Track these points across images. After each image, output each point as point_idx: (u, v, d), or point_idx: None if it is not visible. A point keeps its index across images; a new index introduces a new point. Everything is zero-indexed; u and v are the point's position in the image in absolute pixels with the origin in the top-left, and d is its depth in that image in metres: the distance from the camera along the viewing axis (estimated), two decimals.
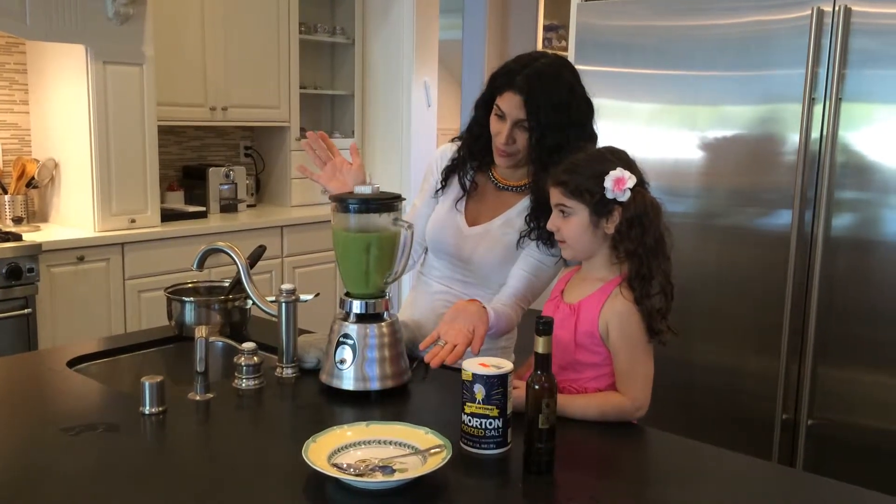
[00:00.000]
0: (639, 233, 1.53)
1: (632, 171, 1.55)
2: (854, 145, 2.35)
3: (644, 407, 1.55)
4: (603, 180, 1.53)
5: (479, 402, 1.35)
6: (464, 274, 1.92)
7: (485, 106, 1.85)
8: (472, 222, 1.91)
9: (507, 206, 1.90)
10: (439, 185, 1.96)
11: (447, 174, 1.95)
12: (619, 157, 1.58)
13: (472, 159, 1.92)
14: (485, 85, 1.87)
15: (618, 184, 1.52)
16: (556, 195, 1.60)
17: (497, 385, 1.34)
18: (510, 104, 1.75)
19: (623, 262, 1.58)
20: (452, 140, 2.01)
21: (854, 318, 2.39)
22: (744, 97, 2.55)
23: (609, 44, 2.80)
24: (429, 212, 1.99)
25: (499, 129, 1.79)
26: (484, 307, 1.70)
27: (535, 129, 1.74)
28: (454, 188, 1.95)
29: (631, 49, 2.76)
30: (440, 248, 1.95)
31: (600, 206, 1.55)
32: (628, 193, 1.53)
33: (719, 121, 2.61)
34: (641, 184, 1.57)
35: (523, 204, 1.87)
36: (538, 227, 1.81)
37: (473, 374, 1.35)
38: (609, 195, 1.53)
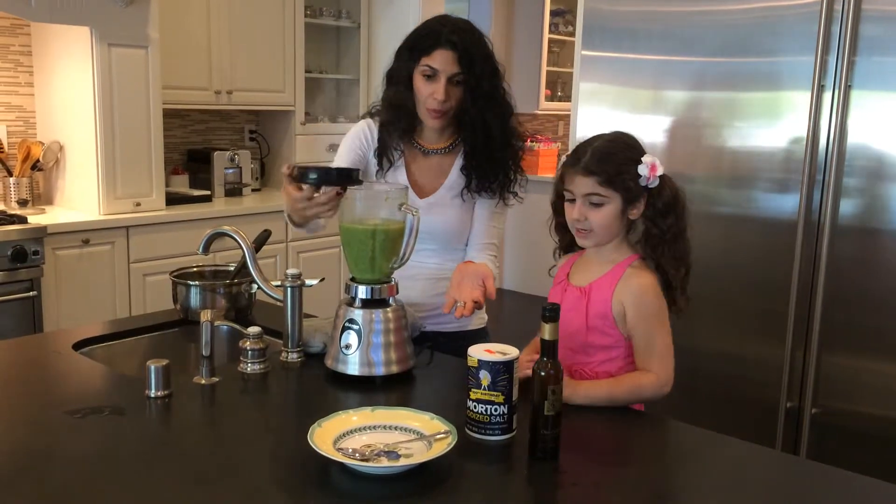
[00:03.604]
0: (673, 220, 1.54)
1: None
2: (862, 133, 2.34)
3: (670, 383, 1.55)
4: (634, 167, 1.52)
5: (484, 389, 1.35)
6: (426, 244, 1.94)
7: (404, 71, 1.90)
8: (420, 193, 1.97)
9: (445, 172, 1.97)
10: (376, 168, 1.98)
11: (379, 156, 1.97)
12: (637, 141, 1.58)
13: (396, 131, 1.95)
14: (393, 59, 1.94)
15: (653, 170, 1.52)
16: (586, 185, 1.54)
17: (502, 371, 1.34)
18: (443, 60, 1.83)
19: (632, 243, 1.58)
20: (364, 116, 2.03)
21: (860, 307, 2.38)
22: (752, 84, 2.53)
23: (616, 29, 2.79)
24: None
25: (432, 89, 1.85)
26: (482, 262, 1.83)
27: (469, 81, 1.84)
28: (385, 164, 1.98)
29: (638, 35, 2.74)
30: None
31: (632, 193, 1.54)
32: (657, 180, 1.53)
33: (727, 107, 2.59)
34: None
35: (458, 164, 1.96)
36: (476, 177, 1.92)
37: (479, 361, 1.35)
38: (643, 182, 1.52)
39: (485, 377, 1.35)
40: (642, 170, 1.51)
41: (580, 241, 1.61)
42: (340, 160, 2.00)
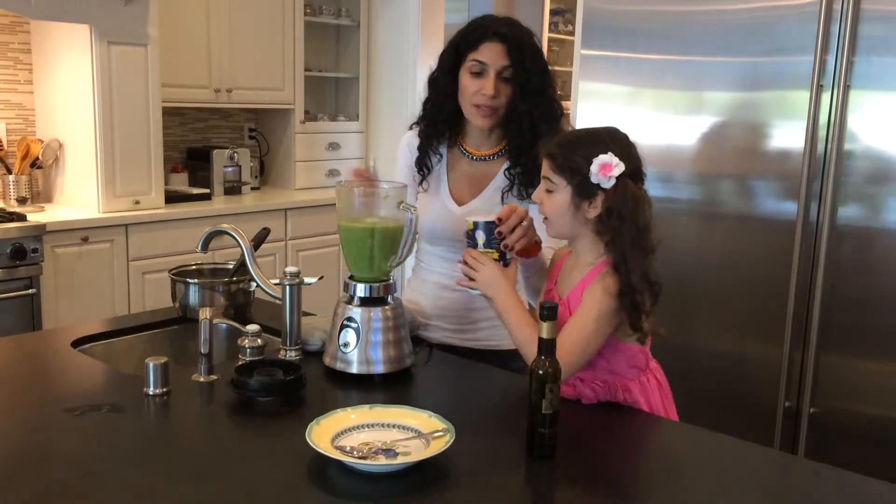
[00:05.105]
0: (616, 223, 1.47)
1: (629, 158, 1.49)
2: (861, 133, 2.34)
3: (564, 373, 1.40)
4: (591, 162, 1.48)
5: (481, 247, 1.54)
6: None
7: (449, 74, 1.82)
8: (459, 201, 1.90)
9: (490, 178, 1.88)
10: (418, 179, 1.92)
11: (419, 165, 1.92)
12: (616, 141, 1.51)
13: (438, 135, 1.89)
14: (436, 64, 1.86)
15: (604, 169, 1.46)
16: (544, 167, 1.55)
17: (495, 229, 1.54)
18: (493, 53, 1.76)
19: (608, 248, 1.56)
20: (411, 128, 1.98)
21: (858, 307, 2.38)
22: (751, 83, 2.53)
23: (615, 29, 2.79)
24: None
25: (480, 85, 1.77)
26: None
27: (519, 75, 1.76)
28: (425, 171, 1.92)
29: (637, 34, 2.74)
30: (436, 236, 1.92)
31: (583, 187, 1.49)
32: (613, 181, 1.47)
33: (726, 107, 2.60)
34: (636, 172, 1.51)
35: (503, 169, 1.87)
36: (520, 182, 1.82)
37: (475, 223, 1.55)
38: (594, 179, 1.48)
39: (480, 237, 1.53)
40: (594, 166, 1.47)
41: (547, 230, 1.60)
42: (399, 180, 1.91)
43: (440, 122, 1.88)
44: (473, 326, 1.90)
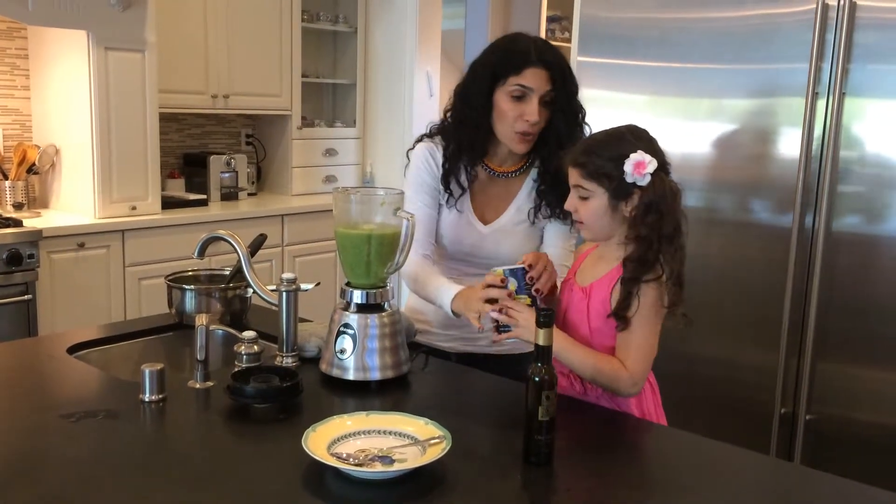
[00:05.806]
0: (655, 219, 1.48)
1: (654, 152, 1.50)
2: (857, 140, 2.35)
3: (640, 384, 1.52)
4: (622, 163, 1.48)
5: (513, 295, 1.54)
6: (488, 269, 1.89)
7: (483, 95, 1.80)
8: (483, 219, 1.89)
9: (513, 195, 1.89)
10: (445, 195, 1.89)
11: (445, 180, 1.88)
12: (639, 138, 1.52)
13: (469, 154, 1.86)
14: (466, 75, 1.85)
15: (638, 168, 1.47)
16: (574, 176, 1.55)
17: (525, 275, 1.57)
18: (537, 78, 1.75)
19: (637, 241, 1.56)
20: (422, 139, 1.93)
21: (854, 314, 2.39)
22: (747, 91, 2.54)
23: (612, 36, 2.80)
24: (433, 213, 1.91)
25: (521, 110, 1.76)
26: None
27: (562, 99, 1.77)
28: (455, 190, 1.89)
29: (634, 41, 2.75)
30: (458, 251, 1.91)
31: (619, 189, 1.50)
32: (648, 178, 1.48)
33: (722, 114, 2.60)
34: (663, 166, 1.52)
35: (528, 186, 1.88)
36: (550, 203, 1.84)
37: (504, 271, 1.57)
38: (629, 179, 1.48)
39: (512, 284, 1.55)
40: (627, 166, 1.48)
41: (581, 233, 1.62)
42: (416, 199, 1.86)
43: (475, 140, 1.84)
44: (488, 333, 1.89)
